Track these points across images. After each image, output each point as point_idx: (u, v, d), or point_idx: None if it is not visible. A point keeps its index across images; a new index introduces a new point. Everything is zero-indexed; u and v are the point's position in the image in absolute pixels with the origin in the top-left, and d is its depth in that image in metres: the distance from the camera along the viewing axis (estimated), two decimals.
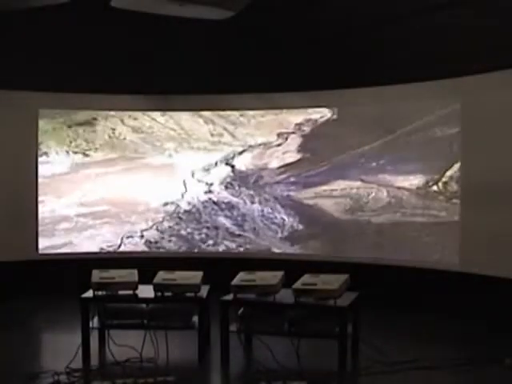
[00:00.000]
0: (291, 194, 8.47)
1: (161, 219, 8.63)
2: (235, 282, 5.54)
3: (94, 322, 5.68)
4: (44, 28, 7.46)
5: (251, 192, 8.61)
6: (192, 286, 5.62)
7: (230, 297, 5.53)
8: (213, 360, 5.62)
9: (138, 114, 8.64)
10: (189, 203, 8.68)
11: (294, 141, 8.45)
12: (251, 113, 8.56)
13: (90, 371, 5.27)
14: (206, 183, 8.69)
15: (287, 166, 8.49)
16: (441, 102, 7.40)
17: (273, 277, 5.58)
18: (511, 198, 6.74)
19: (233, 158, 8.65)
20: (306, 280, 5.48)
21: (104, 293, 5.65)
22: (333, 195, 8.25)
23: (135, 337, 5.56)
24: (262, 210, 8.55)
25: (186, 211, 8.66)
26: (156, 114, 8.68)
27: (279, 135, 8.51)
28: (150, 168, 8.66)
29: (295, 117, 8.42)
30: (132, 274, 5.81)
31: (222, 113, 8.63)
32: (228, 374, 5.45)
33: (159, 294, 5.61)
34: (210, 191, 8.68)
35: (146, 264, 6.93)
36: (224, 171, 8.70)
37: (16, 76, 7.93)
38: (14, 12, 5.86)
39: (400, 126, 7.77)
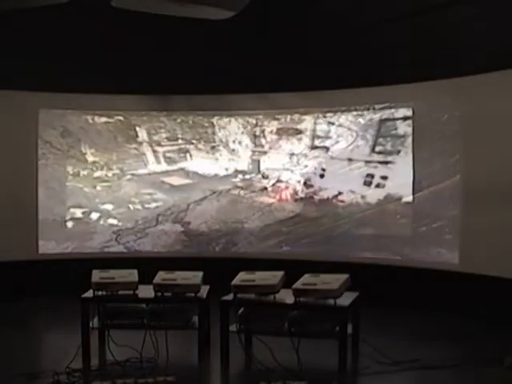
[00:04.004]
0: None
1: None
2: (235, 282, 5.54)
3: (94, 322, 5.68)
4: (44, 28, 7.45)
5: None
6: (192, 286, 5.62)
7: (229, 297, 5.53)
8: (213, 360, 5.61)
9: None
10: None
11: None
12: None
13: (90, 371, 5.26)
14: None
15: None
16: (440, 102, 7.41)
17: (273, 277, 5.57)
18: (511, 198, 6.75)
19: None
20: (306, 280, 5.48)
21: (104, 293, 5.64)
22: None
23: (135, 337, 5.55)
24: None
25: None
26: None
27: None
28: None
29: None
30: (132, 274, 5.81)
31: None
32: (228, 374, 5.45)
33: (159, 294, 5.61)
34: None
35: (146, 264, 6.93)
36: None
37: (16, 76, 7.93)
38: (13, 12, 5.85)
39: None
